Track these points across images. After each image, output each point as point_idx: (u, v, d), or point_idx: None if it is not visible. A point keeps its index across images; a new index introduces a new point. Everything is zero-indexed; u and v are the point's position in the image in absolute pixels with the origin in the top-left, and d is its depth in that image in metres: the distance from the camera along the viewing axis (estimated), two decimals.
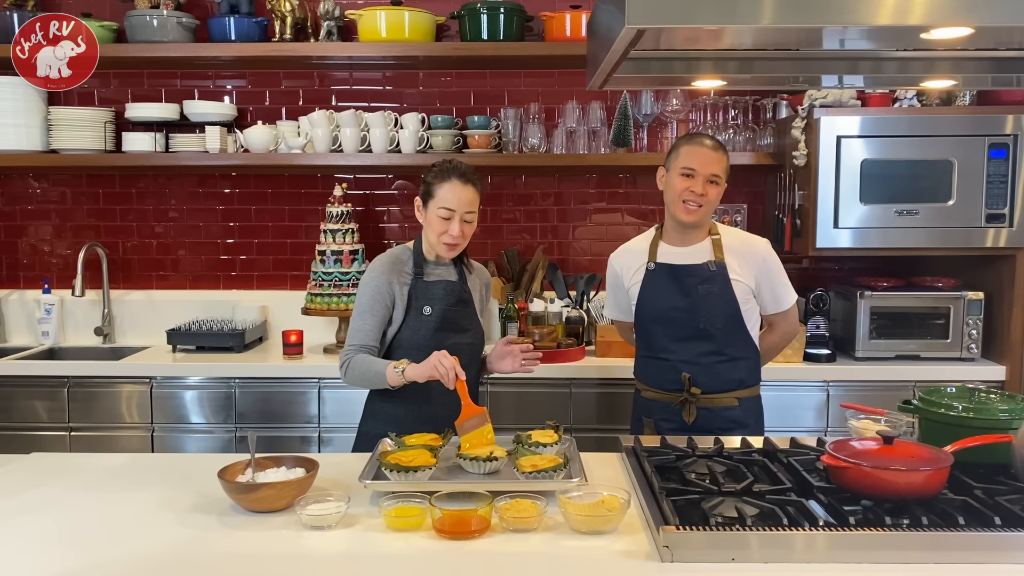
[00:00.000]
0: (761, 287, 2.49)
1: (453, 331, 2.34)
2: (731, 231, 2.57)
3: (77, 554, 1.62)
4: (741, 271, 2.46)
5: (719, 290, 2.43)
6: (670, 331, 2.48)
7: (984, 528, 1.55)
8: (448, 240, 2.30)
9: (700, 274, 2.45)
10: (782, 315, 2.56)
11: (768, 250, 2.52)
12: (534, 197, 3.88)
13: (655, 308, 2.50)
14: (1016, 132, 3.18)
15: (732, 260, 2.47)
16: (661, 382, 2.51)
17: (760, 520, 1.61)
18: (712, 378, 2.45)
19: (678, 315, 2.46)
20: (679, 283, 2.47)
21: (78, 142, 3.60)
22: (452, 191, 2.28)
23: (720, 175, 2.42)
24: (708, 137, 2.48)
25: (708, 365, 2.45)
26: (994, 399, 1.98)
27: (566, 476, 1.87)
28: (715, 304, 2.43)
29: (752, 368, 2.53)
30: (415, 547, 1.64)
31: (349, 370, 2.30)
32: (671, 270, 2.49)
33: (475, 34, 3.51)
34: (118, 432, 3.31)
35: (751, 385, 2.53)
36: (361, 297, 2.36)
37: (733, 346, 2.47)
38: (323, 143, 3.58)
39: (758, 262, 2.48)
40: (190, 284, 3.92)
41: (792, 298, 2.55)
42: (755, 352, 2.53)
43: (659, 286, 2.50)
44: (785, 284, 2.54)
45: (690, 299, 2.44)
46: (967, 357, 3.32)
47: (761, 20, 1.47)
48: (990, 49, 2.02)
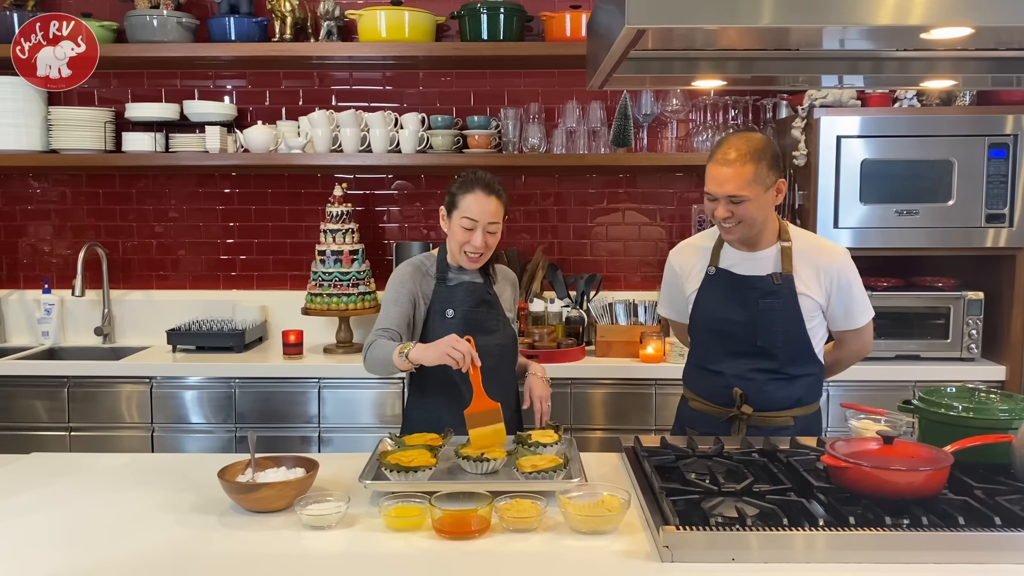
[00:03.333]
0: (832, 302, 2.25)
1: (478, 333, 2.28)
2: (805, 236, 2.32)
3: (77, 554, 1.62)
4: (811, 284, 2.23)
5: (782, 306, 2.21)
6: (725, 345, 2.28)
7: (984, 528, 1.55)
8: (470, 250, 2.27)
9: (763, 287, 2.23)
10: (854, 332, 2.32)
11: (845, 261, 2.27)
12: (534, 197, 3.89)
13: (711, 318, 2.30)
14: (1016, 132, 3.18)
15: (802, 271, 2.23)
16: (710, 394, 2.33)
17: (760, 520, 1.61)
18: (764, 396, 2.25)
19: (735, 329, 2.25)
20: (739, 295, 2.25)
21: (78, 142, 3.60)
22: (476, 202, 2.26)
23: (741, 193, 2.13)
24: (728, 146, 2.16)
25: (762, 383, 2.25)
26: (994, 399, 1.98)
27: (566, 476, 1.87)
28: (776, 321, 2.22)
29: (814, 384, 2.32)
30: (415, 547, 1.64)
31: (368, 355, 2.26)
32: (732, 279, 2.27)
33: (475, 34, 3.51)
34: (118, 432, 3.31)
35: (810, 402, 2.33)
36: (386, 295, 2.35)
37: (793, 365, 2.26)
38: (323, 143, 3.58)
39: (832, 275, 2.24)
40: (190, 284, 3.92)
41: (867, 316, 2.30)
42: (819, 367, 2.32)
43: (717, 295, 2.29)
44: (860, 300, 2.28)
45: (749, 313, 2.23)
46: (967, 357, 3.31)
47: (761, 20, 1.47)
48: (990, 49, 2.01)
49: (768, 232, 2.26)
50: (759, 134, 2.28)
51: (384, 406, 3.30)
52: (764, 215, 2.21)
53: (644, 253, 3.89)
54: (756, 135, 2.22)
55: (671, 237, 3.83)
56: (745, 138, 2.18)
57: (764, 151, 2.16)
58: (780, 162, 2.20)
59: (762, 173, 2.14)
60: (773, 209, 2.25)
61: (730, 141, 2.19)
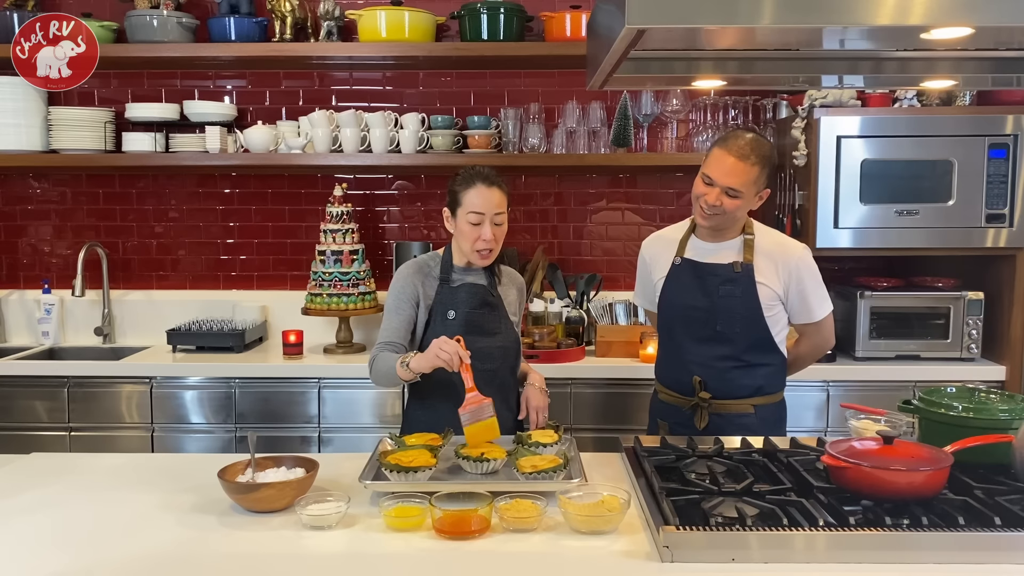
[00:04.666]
0: (790, 294, 2.35)
1: (479, 334, 2.29)
2: (768, 232, 2.43)
3: (77, 554, 1.62)
4: (769, 275, 2.34)
5: (741, 293, 2.32)
6: (688, 331, 2.38)
7: (984, 528, 1.55)
8: (481, 247, 2.27)
9: (723, 274, 2.34)
10: (813, 326, 2.42)
11: (804, 256, 2.37)
12: (534, 197, 3.89)
13: (675, 305, 2.41)
14: (1016, 132, 3.18)
15: (762, 263, 2.34)
16: (676, 384, 2.43)
17: (760, 520, 1.61)
18: (725, 384, 2.34)
19: (696, 315, 2.36)
20: (700, 282, 2.36)
21: (78, 142, 3.60)
22: (479, 195, 2.26)
23: (740, 189, 2.23)
24: (745, 141, 2.24)
25: (723, 370, 2.34)
26: (994, 399, 1.98)
27: (566, 476, 1.87)
28: (735, 307, 2.32)
29: (774, 375, 2.40)
30: (415, 547, 1.64)
31: (374, 369, 2.28)
32: (695, 267, 2.39)
33: (475, 34, 3.51)
34: (118, 432, 3.31)
35: (771, 392, 2.41)
36: (388, 300, 2.36)
37: (752, 352, 2.34)
38: (323, 143, 3.58)
39: (790, 267, 2.34)
40: (190, 284, 3.92)
41: (825, 310, 2.40)
42: (779, 358, 2.41)
43: (682, 283, 2.40)
44: (818, 294, 2.38)
45: (709, 299, 2.34)
46: (967, 357, 3.31)
47: (761, 20, 1.47)
48: (990, 49, 2.02)
49: (734, 225, 2.37)
50: (768, 140, 2.40)
51: (384, 406, 3.30)
52: (743, 214, 2.34)
53: None
54: (766, 141, 2.33)
55: None
56: (759, 141, 2.29)
57: (770, 158, 2.29)
58: (775, 172, 2.27)
59: (761, 179, 2.28)
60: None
61: (746, 137, 2.27)
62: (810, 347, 2.50)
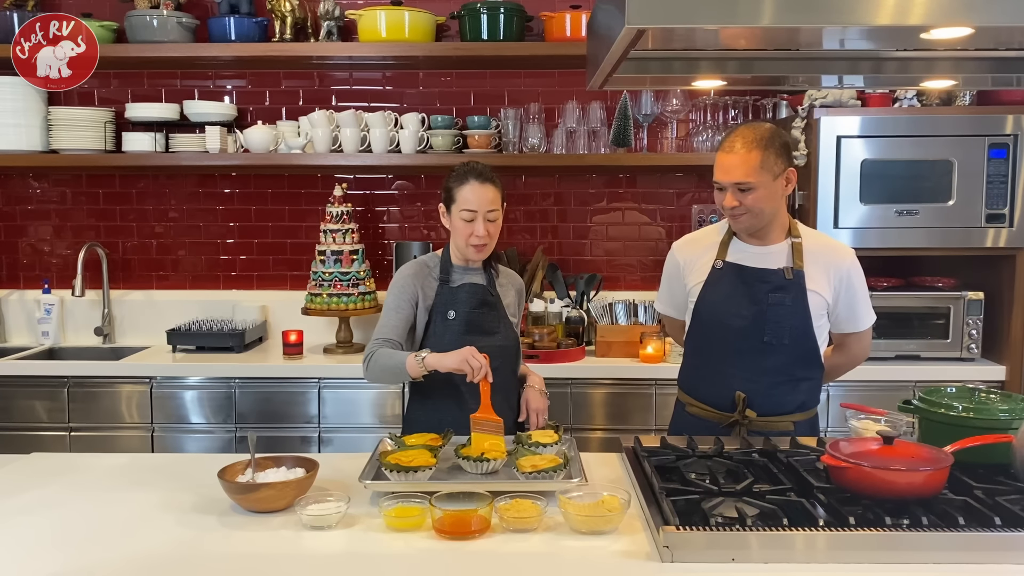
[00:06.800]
0: (839, 303, 2.22)
1: (479, 334, 2.29)
2: (814, 234, 2.30)
3: (77, 554, 1.61)
4: (820, 282, 2.19)
5: (791, 301, 2.16)
6: (729, 342, 2.22)
7: (984, 528, 1.55)
8: (475, 242, 2.27)
9: (773, 280, 2.18)
10: (856, 336, 2.30)
11: (855, 262, 2.24)
12: (534, 197, 3.89)
13: (716, 313, 2.23)
14: (1016, 132, 3.18)
15: (812, 269, 2.19)
16: (713, 399, 2.26)
17: (760, 520, 1.61)
18: (770, 400, 2.20)
19: (741, 324, 2.19)
20: (747, 288, 2.20)
21: (78, 142, 3.60)
22: (472, 192, 2.26)
23: (748, 180, 2.10)
24: (735, 135, 2.15)
25: (768, 385, 2.20)
26: (994, 399, 1.98)
27: (566, 476, 1.87)
28: (784, 316, 2.16)
29: (814, 389, 2.28)
30: (415, 547, 1.64)
31: (371, 364, 2.25)
32: (740, 272, 2.22)
33: (475, 34, 3.51)
34: (118, 432, 3.31)
35: (811, 407, 2.29)
36: (387, 299, 2.36)
37: (798, 365, 2.21)
38: (323, 143, 3.58)
39: (841, 274, 2.21)
40: (190, 284, 3.92)
41: (871, 319, 2.29)
42: (820, 372, 2.28)
43: (724, 288, 2.23)
44: (866, 302, 2.26)
45: (758, 308, 2.17)
46: (967, 357, 3.31)
47: (761, 20, 1.47)
48: (990, 49, 2.02)
49: (778, 227, 2.23)
50: (768, 124, 2.27)
51: (384, 406, 3.30)
52: (773, 206, 2.18)
53: (644, 253, 3.89)
54: (764, 124, 2.20)
55: (671, 237, 3.83)
56: (752, 127, 2.17)
57: (772, 139, 2.13)
58: (789, 151, 2.18)
59: (770, 161, 2.12)
60: (783, 202, 2.23)
61: (738, 130, 2.17)
62: (847, 358, 2.37)
